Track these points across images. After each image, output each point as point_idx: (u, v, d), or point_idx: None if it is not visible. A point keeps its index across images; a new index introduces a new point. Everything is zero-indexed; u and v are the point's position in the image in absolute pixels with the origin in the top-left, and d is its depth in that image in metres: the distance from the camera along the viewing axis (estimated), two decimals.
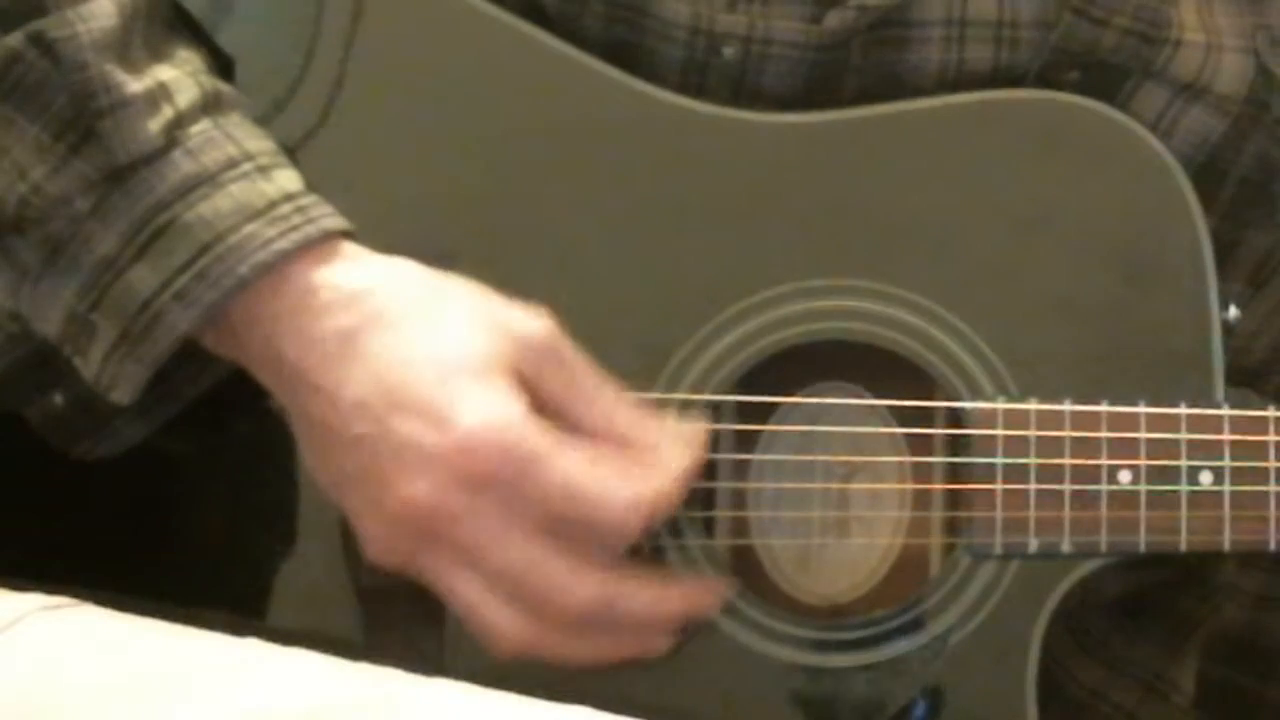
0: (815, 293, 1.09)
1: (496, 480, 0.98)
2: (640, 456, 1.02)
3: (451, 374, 0.99)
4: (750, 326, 1.09)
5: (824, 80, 1.11)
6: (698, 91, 1.10)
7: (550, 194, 1.10)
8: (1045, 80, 1.12)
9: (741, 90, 1.11)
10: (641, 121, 1.10)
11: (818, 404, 1.11)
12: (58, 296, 1.01)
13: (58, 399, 1.07)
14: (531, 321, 1.02)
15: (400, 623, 1.09)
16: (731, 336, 1.09)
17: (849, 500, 1.11)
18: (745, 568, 1.11)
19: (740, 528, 1.11)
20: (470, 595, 1.01)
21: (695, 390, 1.08)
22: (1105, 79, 1.12)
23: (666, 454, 1.03)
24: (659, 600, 1.04)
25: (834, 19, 1.09)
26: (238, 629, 0.93)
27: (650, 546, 1.06)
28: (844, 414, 1.11)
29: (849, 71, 1.11)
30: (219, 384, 1.08)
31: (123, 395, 1.02)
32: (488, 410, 0.99)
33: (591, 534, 1.00)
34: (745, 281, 1.09)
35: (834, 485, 1.11)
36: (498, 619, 1.01)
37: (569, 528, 1.00)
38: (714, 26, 1.10)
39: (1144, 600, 1.19)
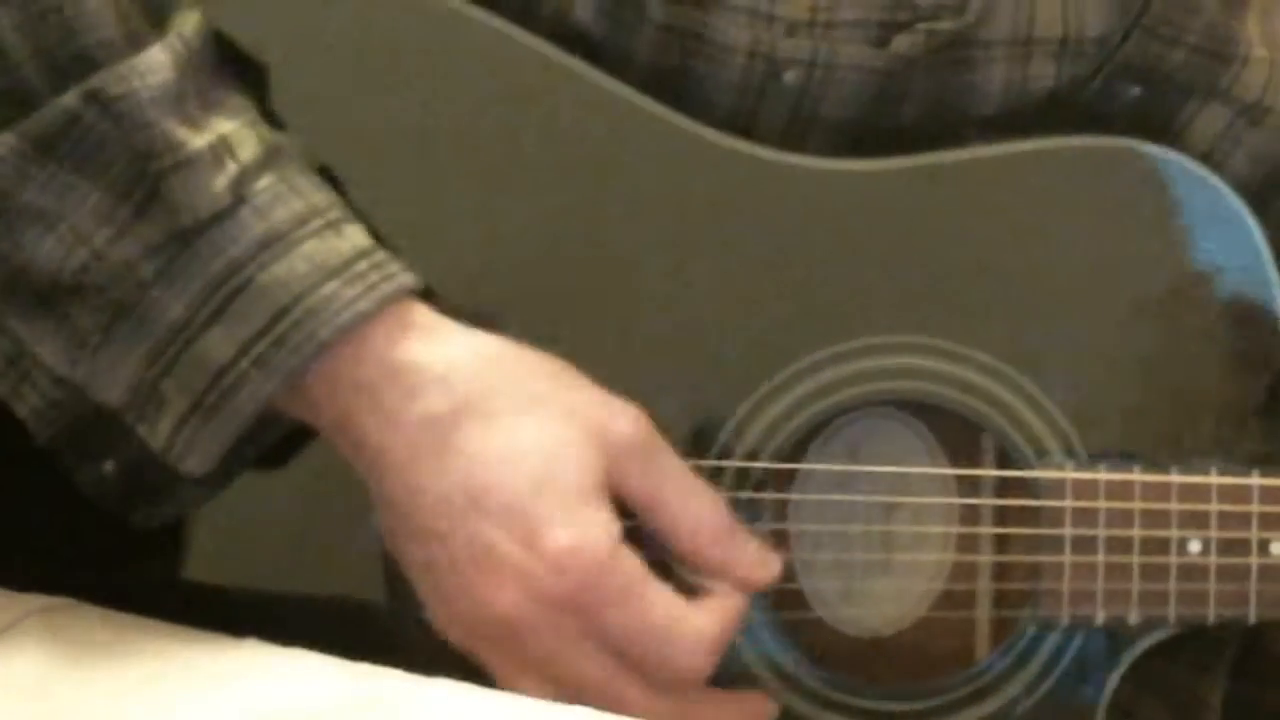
0: (876, 351, 1.05)
1: (580, 605, 0.97)
2: (723, 571, 1.01)
3: (546, 486, 0.97)
4: (810, 386, 1.05)
5: (884, 104, 1.08)
6: (751, 116, 1.06)
7: (598, 242, 1.05)
8: (1105, 94, 1.09)
9: (798, 115, 1.07)
10: (693, 167, 1.05)
11: (883, 472, 1.08)
12: (122, 364, 0.97)
13: (108, 467, 1.01)
14: (628, 423, 1.00)
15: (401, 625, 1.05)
16: (790, 397, 1.05)
17: (893, 543, 1.09)
18: (786, 600, 1.09)
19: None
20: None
21: (751, 456, 1.05)
22: (1166, 98, 1.10)
23: (745, 572, 1.02)
24: None
25: (902, 42, 1.06)
26: (237, 629, 0.93)
27: None
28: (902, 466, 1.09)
29: (910, 95, 1.08)
30: None
31: (196, 466, 0.98)
32: (581, 535, 0.97)
33: (666, 669, 1.00)
34: (804, 339, 1.05)
35: (876, 528, 1.09)
36: None
37: (644, 661, 0.99)
38: (775, 52, 1.06)
39: None
